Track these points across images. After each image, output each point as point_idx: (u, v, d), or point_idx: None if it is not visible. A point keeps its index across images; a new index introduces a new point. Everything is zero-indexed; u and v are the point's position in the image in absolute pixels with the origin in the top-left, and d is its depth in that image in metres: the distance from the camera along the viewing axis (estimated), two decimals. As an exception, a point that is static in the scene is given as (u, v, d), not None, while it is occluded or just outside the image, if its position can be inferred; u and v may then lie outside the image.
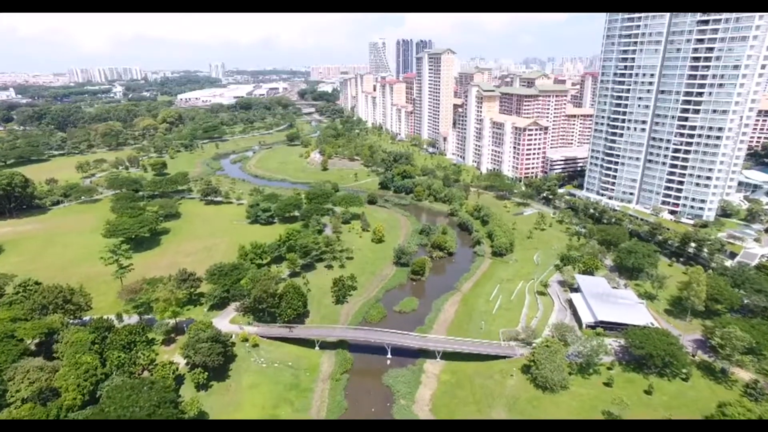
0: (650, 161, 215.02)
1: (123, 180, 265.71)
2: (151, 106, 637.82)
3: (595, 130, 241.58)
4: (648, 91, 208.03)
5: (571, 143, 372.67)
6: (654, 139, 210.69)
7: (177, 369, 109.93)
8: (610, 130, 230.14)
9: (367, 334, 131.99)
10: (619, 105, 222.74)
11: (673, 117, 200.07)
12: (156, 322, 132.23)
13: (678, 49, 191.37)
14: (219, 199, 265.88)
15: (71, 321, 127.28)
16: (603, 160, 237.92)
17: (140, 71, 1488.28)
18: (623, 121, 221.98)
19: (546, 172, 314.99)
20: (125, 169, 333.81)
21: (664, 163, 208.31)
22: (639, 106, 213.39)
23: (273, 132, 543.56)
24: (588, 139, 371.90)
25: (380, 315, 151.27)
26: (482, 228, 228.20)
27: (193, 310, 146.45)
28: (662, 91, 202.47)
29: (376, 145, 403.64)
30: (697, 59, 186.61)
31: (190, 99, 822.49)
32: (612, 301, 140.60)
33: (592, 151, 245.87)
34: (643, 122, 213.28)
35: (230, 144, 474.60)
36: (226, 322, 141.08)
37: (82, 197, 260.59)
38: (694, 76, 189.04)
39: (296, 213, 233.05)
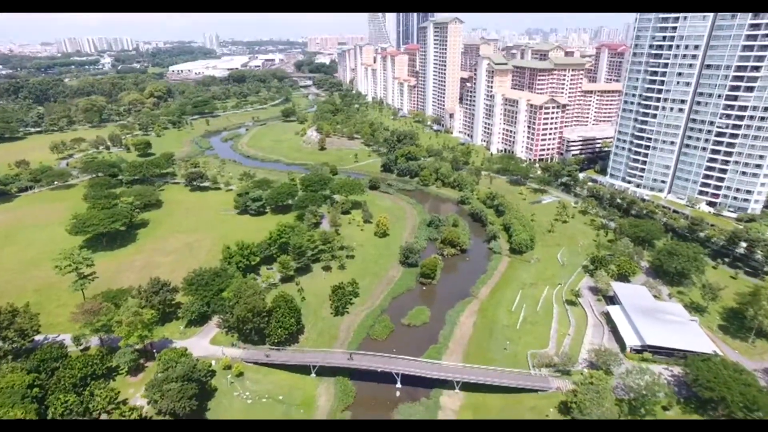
0: (687, 146, 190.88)
1: (99, 164, 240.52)
2: (139, 79, 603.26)
3: (624, 109, 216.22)
4: (690, 66, 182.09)
5: (587, 121, 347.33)
6: (694, 120, 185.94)
7: (141, 415, 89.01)
8: (641, 111, 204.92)
9: (373, 362, 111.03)
10: (653, 82, 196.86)
11: (719, 96, 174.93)
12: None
13: (733, 15, 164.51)
14: (206, 184, 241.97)
15: (14, 347, 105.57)
16: (632, 143, 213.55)
17: (131, 42, 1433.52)
18: (658, 100, 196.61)
19: (562, 154, 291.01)
20: (106, 149, 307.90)
21: (704, 149, 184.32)
22: (678, 83, 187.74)
23: (267, 107, 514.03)
24: (605, 117, 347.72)
25: (387, 330, 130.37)
26: (497, 219, 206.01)
27: (168, 327, 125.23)
28: (708, 66, 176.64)
29: (377, 123, 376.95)
30: (756, 26, 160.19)
31: (182, 71, 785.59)
32: (659, 318, 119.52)
33: (619, 133, 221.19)
34: (682, 101, 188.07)
35: (222, 120, 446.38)
36: (206, 342, 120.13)
37: (55, 182, 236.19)
38: (750, 47, 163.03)
39: (290, 201, 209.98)
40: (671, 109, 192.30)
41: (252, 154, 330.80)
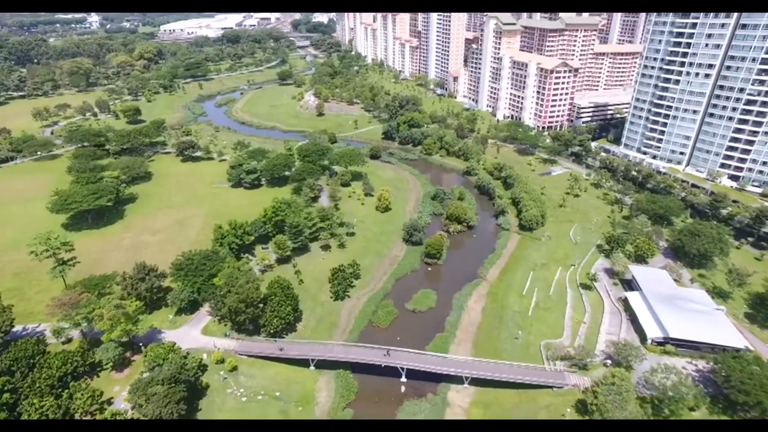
0: (712, 115, 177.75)
1: (84, 133, 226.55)
2: (128, 39, 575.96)
3: (643, 74, 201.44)
4: (722, 26, 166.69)
5: (597, 86, 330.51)
6: (722, 87, 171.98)
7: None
8: (662, 76, 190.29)
9: (376, 355, 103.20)
10: (678, 44, 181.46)
11: (753, 59, 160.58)
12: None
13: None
14: (198, 154, 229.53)
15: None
16: (650, 111, 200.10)
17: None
18: (682, 64, 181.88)
19: (572, 121, 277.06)
20: (93, 116, 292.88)
21: (730, 118, 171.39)
22: (707, 45, 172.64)
23: (263, 69, 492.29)
24: (617, 81, 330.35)
25: (390, 317, 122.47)
26: (505, 192, 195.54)
27: (157, 315, 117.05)
28: (744, 26, 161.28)
29: (378, 86, 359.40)
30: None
31: (174, 30, 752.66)
32: (682, 307, 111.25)
33: (637, 100, 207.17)
34: (710, 66, 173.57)
35: (215, 84, 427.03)
36: (197, 332, 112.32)
37: (39, 153, 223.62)
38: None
39: (287, 173, 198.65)
40: (697, 74, 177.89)
41: (247, 120, 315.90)
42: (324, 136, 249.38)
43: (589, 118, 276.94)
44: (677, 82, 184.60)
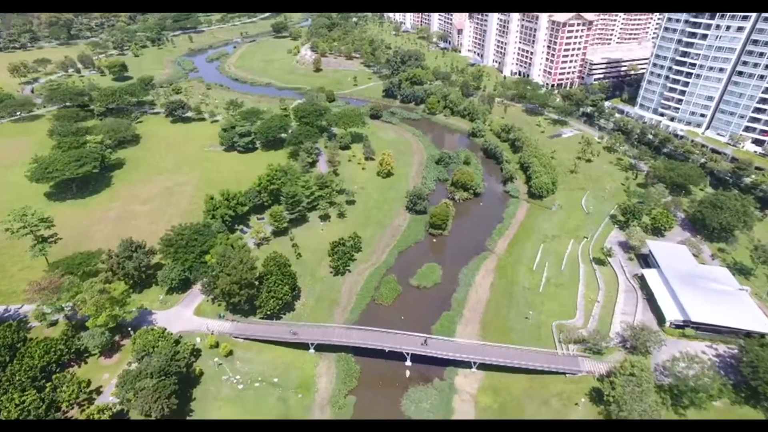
0: (740, 73, 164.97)
1: (65, 92, 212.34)
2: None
3: (666, 29, 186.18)
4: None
5: (610, 40, 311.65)
6: (755, 42, 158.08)
7: (112, 416, 76.47)
8: (688, 30, 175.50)
9: (379, 339, 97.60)
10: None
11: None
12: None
13: None
14: (189, 114, 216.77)
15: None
16: (670, 69, 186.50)
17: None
18: (712, 16, 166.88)
19: (583, 78, 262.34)
20: (76, 72, 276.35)
21: (761, 77, 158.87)
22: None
23: (257, 20, 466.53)
24: (631, 35, 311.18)
25: (393, 294, 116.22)
26: (513, 156, 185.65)
27: (147, 293, 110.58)
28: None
29: (378, 40, 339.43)
30: None
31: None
32: (704, 287, 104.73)
33: (657, 57, 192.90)
34: (744, 18, 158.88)
35: (207, 36, 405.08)
36: (190, 312, 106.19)
37: (18, 113, 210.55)
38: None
39: (283, 135, 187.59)
40: (728, 27, 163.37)
41: (240, 76, 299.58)
42: (321, 94, 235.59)
43: (601, 76, 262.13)
44: (704, 36, 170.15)
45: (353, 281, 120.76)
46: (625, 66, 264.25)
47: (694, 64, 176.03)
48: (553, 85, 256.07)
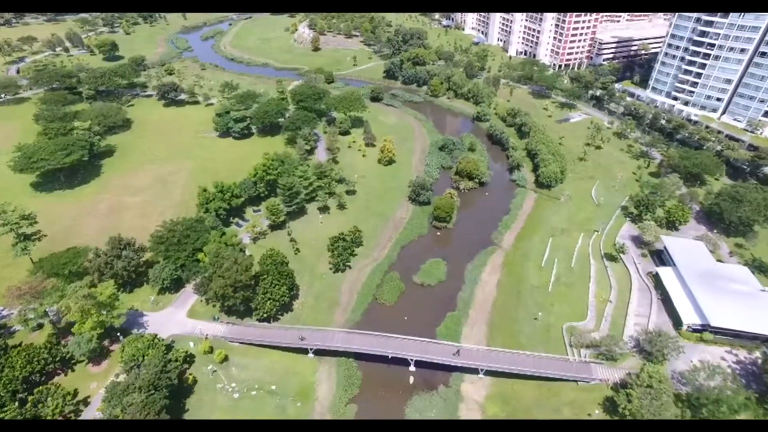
0: (764, 54, 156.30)
1: (52, 74, 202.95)
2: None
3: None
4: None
5: (619, 17, 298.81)
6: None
7: (98, 431, 72.04)
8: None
9: (382, 344, 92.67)
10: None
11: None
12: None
13: None
14: (182, 97, 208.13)
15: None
16: (686, 50, 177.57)
17: None
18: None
19: (591, 58, 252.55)
20: (64, 51, 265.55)
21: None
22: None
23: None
24: (642, 13, 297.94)
25: (396, 292, 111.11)
26: (519, 142, 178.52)
27: (138, 293, 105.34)
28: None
29: (378, 17, 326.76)
30: None
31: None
32: (723, 288, 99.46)
33: (672, 36, 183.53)
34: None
35: (201, 13, 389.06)
36: (182, 314, 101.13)
37: (2, 95, 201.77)
38: None
39: (280, 120, 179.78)
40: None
41: (236, 56, 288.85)
42: (320, 75, 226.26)
43: (611, 56, 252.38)
44: (726, 15, 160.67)
45: (354, 278, 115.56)
46: (635, 45, 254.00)
47: (712, 45, 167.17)
48: (560, 66, 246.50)
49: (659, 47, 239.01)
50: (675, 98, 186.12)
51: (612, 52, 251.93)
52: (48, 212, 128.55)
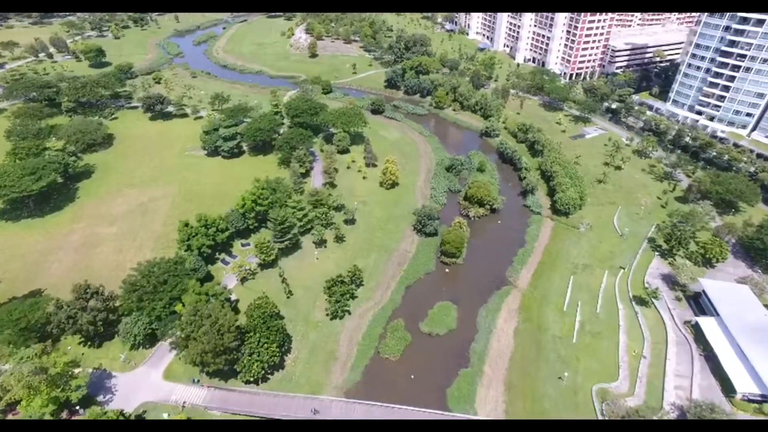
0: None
1: (28, 83, 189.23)
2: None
3: (709, 14, 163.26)
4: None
5: (630, 23, 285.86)
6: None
7: None
8: (739, 15, 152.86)
9: (386, 416, 79.71)
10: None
11: None
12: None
13: None
14: (170, 109, 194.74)
15: None
16: (712, 61, 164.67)
17: None
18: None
19: (603, 66, 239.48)
20: (48, 57, 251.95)
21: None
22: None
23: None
24: (655, 17, 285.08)
25: (402, 344, 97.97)
26: (532, 161, 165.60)
27: (107, 347, 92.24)
28: None
29: (379, 21, 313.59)
30: None
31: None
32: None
33: (696, 46, 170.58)
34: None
35: (194, 15, 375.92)
36: (158, 375, 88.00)
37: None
38: None
39: (274, 137, 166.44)
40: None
41: (230, 62, 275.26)
42: (316, 86, 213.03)
43: (624, 64, 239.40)
44: (760, 22, 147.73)
45: (354, 326, 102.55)
46: (650, 52, 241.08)
47: (743, 56, 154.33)
48: (571, 75, 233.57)
49: (676, 55, 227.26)
50: (699, 112, 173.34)
51: (625, 60, 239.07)
52: (11, 246, 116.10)
